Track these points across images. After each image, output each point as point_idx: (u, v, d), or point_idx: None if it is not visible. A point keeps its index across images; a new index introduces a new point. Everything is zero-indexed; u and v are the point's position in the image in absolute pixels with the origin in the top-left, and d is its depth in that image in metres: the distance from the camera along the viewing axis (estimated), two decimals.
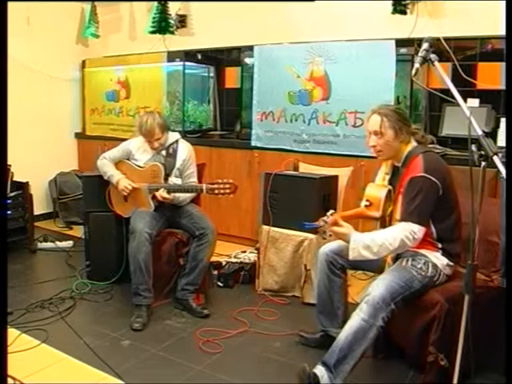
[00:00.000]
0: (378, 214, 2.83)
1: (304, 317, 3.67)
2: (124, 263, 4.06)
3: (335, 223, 2.64)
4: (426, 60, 2.25)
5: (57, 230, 6.09)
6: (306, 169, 4.28)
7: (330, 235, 2.70)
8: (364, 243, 2.57)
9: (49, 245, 5.41)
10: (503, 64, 4.05)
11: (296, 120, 4.98)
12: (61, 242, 5.45)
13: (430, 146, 2.92)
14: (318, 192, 3.89)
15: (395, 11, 4.49)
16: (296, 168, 4.31)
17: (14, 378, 2.82)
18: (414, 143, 2.83)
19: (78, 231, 5.77)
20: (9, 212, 5.11)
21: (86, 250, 4.45)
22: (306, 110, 4.92)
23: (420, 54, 2.26)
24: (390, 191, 2.87)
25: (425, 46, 2.27)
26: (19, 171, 5.26)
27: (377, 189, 2.91)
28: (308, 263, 3.87)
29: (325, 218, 2.66)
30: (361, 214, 2.89)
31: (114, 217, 4.17)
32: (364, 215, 2.88)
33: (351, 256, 2.61)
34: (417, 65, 2.27)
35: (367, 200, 2.89)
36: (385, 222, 2.83)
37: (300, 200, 3.88)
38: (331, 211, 2.68)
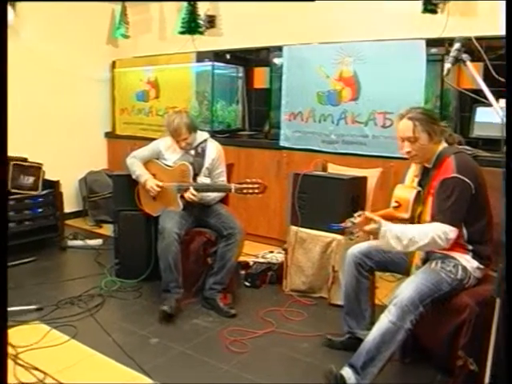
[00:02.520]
0: (406, 215, 2.81)
1: (331, 318, 3.65)
2: (153, 261, 4.09)
3: (366, 222, 2.60)
4: (457, 60, 2.22)
5: (86, 228, 6.15)
6: (334, 169, 4.26)
7: (358, 236, 2.68)
8: (394, 233, 2.54)
9: (78, 242, 5.45)
10: None
11: (325, 120, 4.96)
12: (90, 240, 5.49)
13: (460, 147, 2.86)
14: (347, 193, 3.86)
15: (426, 10, 4.43)
16: (324, 169, 4.29)
17: (44, 373, 2.87)
18: (444, 144, 2.79)
19: (108, 229, 5.82)
20: (40, 210, 5.19)
21: (115, 248, 4.49)
22: (335, 111, 4.89)
23: (452, 54, 2.23)
24: (419, 193, 2.83)
25: (456, 45, 2.24)
26: (50, 170, 5.34)
27: (405, 190, 2.89)
28: (336, 264, 3.85)
29: (352, 219, 2.63)
30: (389, 216, 2.86)
31: (143, 215, 4.18)
32: (392, 216, 2.86)
33: (379, 243, 2.59)
34: (448, 65, 2.23)
35: (396, 201, 2.87)
36: (413, 223, 2.79)
37: (328, 201, 3.86)
38: (359, 212, 2.65)
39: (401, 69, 4.43)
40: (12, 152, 4.72)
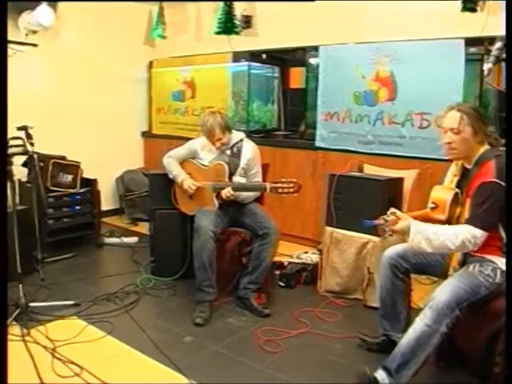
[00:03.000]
0: (443, 216, 2.77)
1: (366, 320, 3.62)
2: (188, 260, 4.11)
3: (395, 222, 2.59)
4: (499, 59, 2.18)
5: (123, 226, 6.20)
6: (370, 170, 4.22)
7: (390, 235, 2.65)
8: (425, 234, 2.52)
9: (115, 240, 5.52)
10: None
11: (361, 121, 4.92)
12: (126, 238, 5.55)
13: (501, 148, 2.80)
14: (383, 194, 3.82)
15: (465, 9, 4.33)
16: (361, 169, 4.26)
17: (80, 367, 2.92)
18: (486, 146, 2.74)
19: (143, 227, 5.87)
20: (78, 207, 5.28)
21: (150, 246, 4.52)
22: (372, 111, 4.85)
23: (493, 53, 2.20)
24: (456, 194, 2.79)
25: (498, 44, 2.21)
26: (88, 168, 5.42)
27: (443, 191, 2.85)
28: (371, 266, 3.82)
29: (385, 216, 2.62)
30: (426, 216, 2.82)
31: (179, 214, 4.21)
32: (429, 217, 2.81)
33: (409, 243, 2.56)
34: (489, 64, 2.21)
35: (433, 202, 2.82)
36: (451, 225, 2.73)
37: (364, 202, 3.82)
38: (392, 209, 2.63)
39: (439, 68, 4.36)
40: (51, 150, 4.94)
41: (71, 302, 3.77)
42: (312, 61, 5.58)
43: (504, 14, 2.18)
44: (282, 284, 4.29)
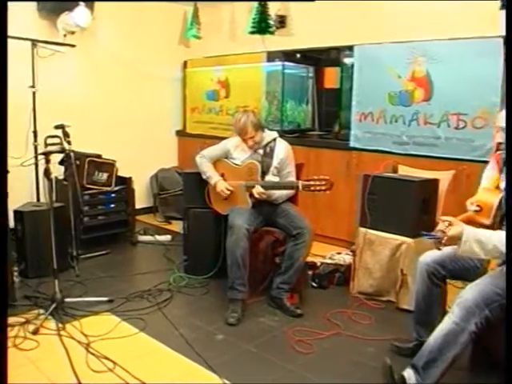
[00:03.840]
0: (488, 221, 2.69)
1: (398, 323, 3.58)
2: (221, 259, 4.11)
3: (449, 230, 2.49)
4: None
5: (156, 224, 6.23)
6: (405, 171, 4.18)
7: (445, 245, 2.52)
8: (478, 237, 2.39)
9: (148, 238, 5.54)
10: None
11: (396, 121, 4.87)
12: (160, 236, 5.57)
13: None
14: (418, 196, 3.77)
15: (503, 7, 4.18)
16: (395, 170, 4.22)
17: (114, 362, 2.96)
18: None
19: (176, 226, 5.89)
20: (112, 205, 5.33)
21: (184, 244, 4.55)
22: (407, 111, 4.80)
23: None
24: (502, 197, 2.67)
25: None
26: (123, 167, 5.46)
27: (490, 194, 2.76)
28: (405, 268, 3.77)
29: (442, 227, 2.48)
30: (469, 220, 2.73)
31: (212, 213, 4.22)
32: (472, 221, 2.72)
33: (460, 250, 2.43)
34: None
35: (478, 205, 2.73)
36: (494, 229, 2.62)
37: (399, 203, 3.79)
38: (445, 218, 2.51)
39: (476, 68, 4.29)
40: (88, 149, 5.01)
41: (105, 299, 3.80)
42: (346, 60, 5.56)
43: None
44: (314, 284, 4.27)
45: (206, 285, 4.24)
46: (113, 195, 5.33)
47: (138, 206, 5.89)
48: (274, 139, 4.09)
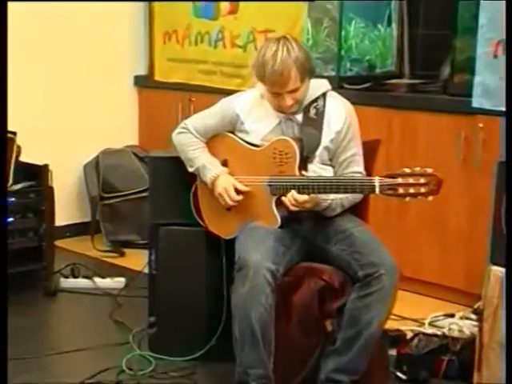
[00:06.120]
0: None
1: None
2: (221, 323, 2.96)
3: None
4: None
5: (96, 257, 4.60)
6: None
7: None
8: None
9: (81, 283, 4.07)
10: None
11: None
12: (103, 279, 4.09)
13: None
14: None
15: None
16: None
17: None
18: None
19: (135, 259, 4.34)
20: (10, 219, 3.75)
21: (150, 294, 3.30)
22: None
23: None
24: None
25: None
26: (33, 146, 3.87)
27: None
28: None
29: None
30: None
31: (205, 235, 3.06)
32: None
33: None
34: None
35: None
36: None
37: None
38: None
39: None
40: None
41: None
42: None
43: None
44: (402, 376, 3.05)
45: (191, 373, 2.99)
46: (12, 200, 3.72)
47: (60, 221, 4.23)
48: (324, 95, 2.86)
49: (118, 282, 3.95)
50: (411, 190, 2.47)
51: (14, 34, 3.74)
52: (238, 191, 2.77)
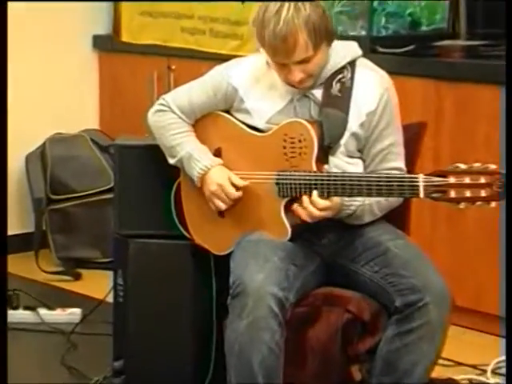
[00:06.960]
0: None
1: None
2: (210, 367, 2.52)
3: None
4: None
5: (42, 280, 4.05)
6: None
7: None
8: None
9: (21, 316, 3.53)
10: None
11: None
12: (52, 311, 3.53)
13: None
14: None
15: None
16: None
17: None
18: None
19: (96, 284, 3.80)
20: None
21: (115, 331, 2.81)
22: None
23: None
24: None
25: None
26: None
27: None
28: None
29: None
30: None
31: (190, 250, 2.56)
32: None
33: None
34: None
35: None
36: None
37: None
38: None
39: None
40: None
41: None
42: None
43: None
44: None
45: None
46: None
47: None
48: (351, 63, 2.41)
49: (72, 314, 3.42)
50: (467, 194, 2.01)
51: None
52: (235, 186, 2.29)
